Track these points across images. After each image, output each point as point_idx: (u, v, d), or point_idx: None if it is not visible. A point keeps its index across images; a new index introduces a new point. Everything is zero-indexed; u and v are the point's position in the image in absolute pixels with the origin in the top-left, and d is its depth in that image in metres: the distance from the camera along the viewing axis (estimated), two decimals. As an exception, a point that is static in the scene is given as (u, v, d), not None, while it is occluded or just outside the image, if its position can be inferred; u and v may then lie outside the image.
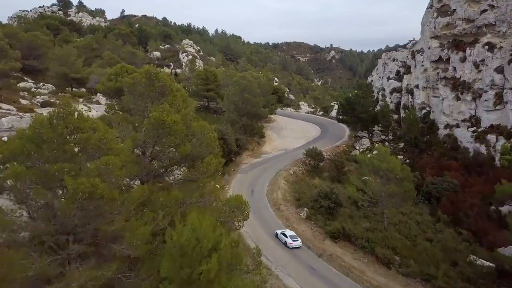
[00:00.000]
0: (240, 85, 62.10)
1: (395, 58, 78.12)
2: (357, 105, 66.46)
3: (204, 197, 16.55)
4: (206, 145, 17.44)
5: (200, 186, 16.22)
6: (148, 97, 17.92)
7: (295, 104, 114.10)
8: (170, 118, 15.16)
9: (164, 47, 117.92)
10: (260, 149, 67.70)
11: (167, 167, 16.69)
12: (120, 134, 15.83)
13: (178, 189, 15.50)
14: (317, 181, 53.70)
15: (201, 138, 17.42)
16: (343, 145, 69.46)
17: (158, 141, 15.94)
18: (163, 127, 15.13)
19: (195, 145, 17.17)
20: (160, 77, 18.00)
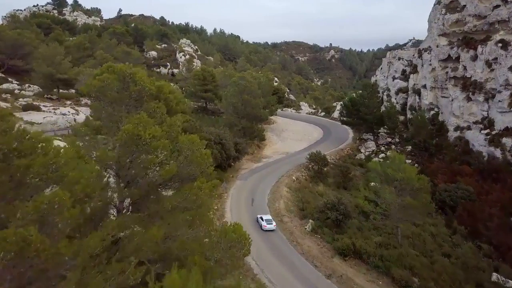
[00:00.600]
0: (239, 86, 58.53)
1: (400, 56, 74.56)
2: (362, 106, 62.90)
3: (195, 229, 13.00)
4: (196, 164, 13.88)
5: (187, 220, 12.68)
6: (123, 105, 14.33)
7: (296, 104, 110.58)
8: (147, 132, 11.64)
9: (161, 46, 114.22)
10: (261, 152, 64.14)
11: (148, 193, 13.13)
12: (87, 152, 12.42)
13: (160, 223, 12.03)
14: (321, 188, 50.16)
15: (190, 155, 13.85)
16: (348, 148, 65.90)
17: (134, 162, 12.42)
18: (139, 144, 11.64)
19: (182, 165, 13.64)
20: (137, 79, 14.36)
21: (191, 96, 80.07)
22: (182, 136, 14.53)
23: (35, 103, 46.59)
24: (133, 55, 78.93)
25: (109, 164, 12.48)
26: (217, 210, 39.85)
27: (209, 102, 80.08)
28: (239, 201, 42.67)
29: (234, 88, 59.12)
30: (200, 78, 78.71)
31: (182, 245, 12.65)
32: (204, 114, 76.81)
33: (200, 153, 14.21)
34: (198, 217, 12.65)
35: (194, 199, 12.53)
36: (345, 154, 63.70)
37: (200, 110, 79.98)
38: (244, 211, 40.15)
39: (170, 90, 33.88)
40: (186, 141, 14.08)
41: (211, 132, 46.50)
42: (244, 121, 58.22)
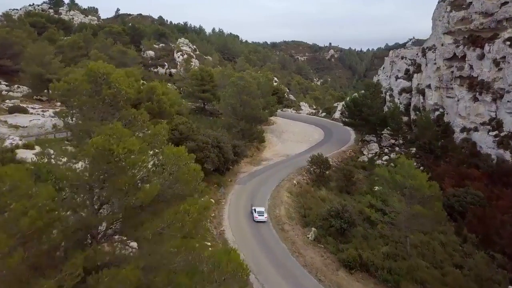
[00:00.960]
0: (237, 86, 56.29)
1: (403, 56, 72.33)
2: (365, 107, 60.69)
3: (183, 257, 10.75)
4: (184, 182, 11.65)
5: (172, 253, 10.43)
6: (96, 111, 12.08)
7: (296, 104, 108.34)
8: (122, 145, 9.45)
9: (158, 46, 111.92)
10: (260, 155, 61.92)
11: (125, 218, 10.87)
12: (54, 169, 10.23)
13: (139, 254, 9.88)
14: (323, 192, 47.95)
15: (176, 172, 11.62)
16: (350, 150, 63.71)
17: (107, 181, 10.21)
18: (110, 161, 9.45)
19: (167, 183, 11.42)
20: (112, 80, 12.06)
21: (188, 96, 77.85)
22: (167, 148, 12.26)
23: (23, 104, 44.35)
24: (129, 55, 76.69)
25: (80, 184, 10.31)
26: (214, 218, 37.67)
27: (207, 102, 77.84)
28: (237, 208, 40.49)
29: (233, 89, 56.90)
30: (198, 78, 76.49)
31: (168, 278, 10.49)
32: (202, 115, 74.58)
33: (188, 168, 11.98)
34: (185, 247, 10.44)
35: (179, 226, 10.38)
36: (347, 157, 61.51)
37: (198, 111, 77.72)
38: (243, 219, 37.94)
39: (163, 91, 31.69)
40: (172, 154, 11.85)
41: (209, 134, 44.29)
42: (243, 123, 55.98)
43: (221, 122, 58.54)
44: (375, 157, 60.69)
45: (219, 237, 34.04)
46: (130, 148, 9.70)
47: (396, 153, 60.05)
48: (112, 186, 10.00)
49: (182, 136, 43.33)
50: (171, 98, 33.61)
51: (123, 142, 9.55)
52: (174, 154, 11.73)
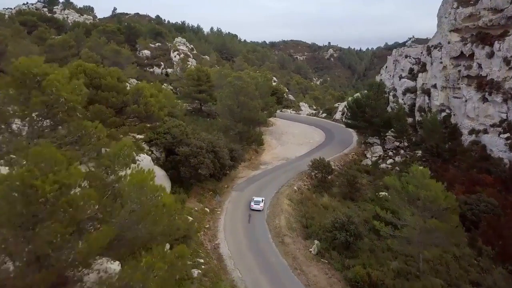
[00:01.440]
0: (235, 87, 53.30)
1: (407, 54, 69.41)
2: (368, 108, 57.77)
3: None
4: (152, 221, 8.56)
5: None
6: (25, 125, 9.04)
7: (295, 105, 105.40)
8: (50, 180, 6.35)
9: (154, 45, 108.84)
10: (259, 158, 58.94)
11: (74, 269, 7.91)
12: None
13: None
14: (326, 199, 45.04)
15: (141, 208, 8.55)
16: (352, 153, 60.75)
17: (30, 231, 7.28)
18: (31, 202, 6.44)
19: (127, 224, 8.37)
20: (47, 83, 8.86)
21: (184, 97, 74.84)
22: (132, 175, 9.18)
23: (4, 107, 41.66)
24: (123, 54, 73.70)
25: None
26: (208, 229, 34.70)
27: (204, 103, 74.83)
28: (234, 217, 37.52)
29: (230, 89, 53.94)
30: (194, 78, 73.45)
31: None
32: (199, 117, 71.59)
33: (157, 203, 8.95)
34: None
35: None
36: (350, 160, 58.58)
37: (195, 112, 74.73)
38: (240, 230, 34.98)
39: (152, 93, 28.68)
40: (134, 183, 8.84)
41: (203, 138, 41.29)
42: (240, 125, 53.00)
43: (218, 124, 55.56)
44: (379, 161, 57.81)
45: (213, 251, 31.08)
46: (66, 183, 6.74)
47: (401, 156, 57.16)
48: (39, 237, 7.05)
49: (175, 141, 40.37)
50: (161, 101, 30.60)
51: (54, 174, 6.59)
52: (138, 182, 8.75)
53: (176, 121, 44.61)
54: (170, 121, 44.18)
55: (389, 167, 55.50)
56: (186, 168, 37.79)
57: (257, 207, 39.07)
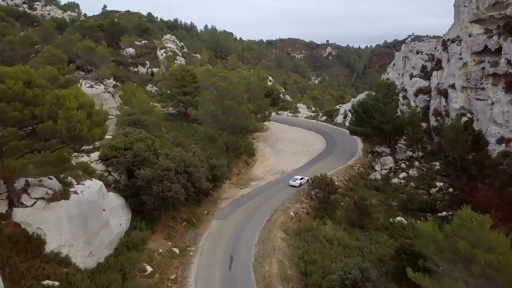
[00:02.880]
0: (219, 89, 44.12)
1: (419, 50, 60.24)
2: (377, 113, 48.64)
3: None
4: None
5: None
6: None
7: (293, 107, 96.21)
8: None
9: (140, 43, 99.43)
10: (249, 172, 49.80)
11: None
12: None
13: None
14: (329, 227, 35.99)
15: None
16: (358, 165, 51.61)
17: None
18: None
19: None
20: None
21: (167, 99, 65.64)
22: None
23: None
24: (97, 52, 64.43)
25: None
26: (174, 283, 25.51)
27: (189, 106, 65.53)
28: (211, 261, 28.37)
29: (213, 92, 44.76)
30: (178, 78, 64.05)
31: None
32: (183, 122, 62.24)
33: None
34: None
35: None
36: (355, 173, 49.48)
37: (180, 116, 65.41)
38: (217, 282, 25.81)
39: (81, 103, 19.48)
40: None
41: (174, 156, 32.05)
42: (226, 134, 43.85)
43: (200, 133, 46.28)
44: (390, 174, 48.72)
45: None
46: None
47: (416, 169, 48.08)
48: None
49: (136, 160, 31.18)
50: (99, 113, 21.37)
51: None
52: None
53: (142, 133, 35.40)
54: (134, 132, 35.00)
55: (402, 182, 46.45)
56: (149, 197, 28.63)
57: (294, 183, 43.16)
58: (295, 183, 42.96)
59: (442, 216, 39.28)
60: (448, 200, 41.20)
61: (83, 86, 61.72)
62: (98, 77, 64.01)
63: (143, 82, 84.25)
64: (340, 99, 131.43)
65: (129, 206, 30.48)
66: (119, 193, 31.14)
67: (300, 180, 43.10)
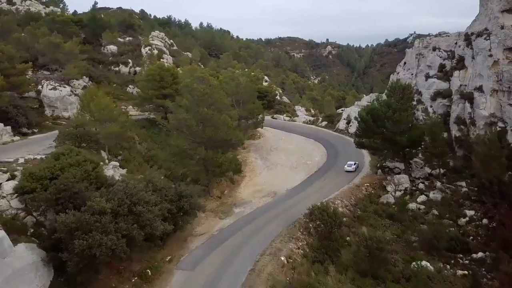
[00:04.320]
0: (193, 93, 34.68)
1: (436, 46, 50.69)
2: (389, 121, 39.22)
3: None
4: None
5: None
6: None
7: (290, 109, 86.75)
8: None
9: (124, 40, 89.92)
10: (234, 194, 40.47)
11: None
12: None
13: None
14: (332, 278, 26.53)
15: None
16: (366, 184, 42.20)
17: None
18: None
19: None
20: None
21: (143, 103, 56.36)
22: None
23: None
24: (63, 48, 55.08)
25: None
26: None
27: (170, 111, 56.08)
28: None
29: (187, 97, 35.36)
30: (156, 78, 54.96)
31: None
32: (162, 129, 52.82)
33: None
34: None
35: None
36: (363, 195, 40.08)
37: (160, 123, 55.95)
38: None
39: None
40: None
41: (115, 190, 22.59)
42: (203, 150, 34.46)
43: (171, 148, 36.78)
44: (406, 197, 39.28)
45: None
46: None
47: (438, 191, 38.62)
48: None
49: (62, 195, 21.79)
50: None
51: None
52: None
53: (82, 154, 25.93)
54: (70, 153, 25.57)
55: (422, 208, 37.02)
56: (70, 255, 19.27)
57: (349, 168, 45.08)
58: (350, 168, 45.09)
59: (478, 259, 30.03)
60: (484, 236, 31.86)
61: (45, 88, 52.44)
62: (63, 78, 54.56)
63: (124, 83, 74.87)
64: (340, 100, 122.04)
65: (50, 263, 21.17)
66: (39, 238, 21.88)
67: (354, 165, 45.35)
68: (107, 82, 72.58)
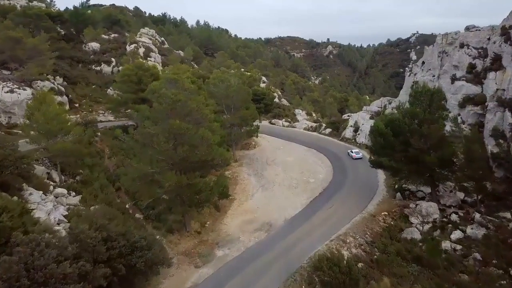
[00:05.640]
0: (163, 100, 25.91)
1: (464, 42, 41.86)
2: (414, 135, 30.44)
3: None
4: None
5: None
6: None
7: (290, 114, 77.98)
8: None
9: (109, 36, 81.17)
10: (218, 226, 31.74)
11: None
12: None
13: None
14: None
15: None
16: (384, 213, 33.40)
17: None
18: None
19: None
20: None
21: (117, 107, 47.66)
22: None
23: None
24: (27, 44, 46.47)
25: None
26: None
27: (150, 118, 47.20)
28: None
29: (155, 105, 26.61)
30: (132, 80, 46.32)
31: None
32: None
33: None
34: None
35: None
36: (380, 229, 31.33)
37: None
38: None
39: None
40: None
41: (6, 265, 13.80)
42: (173, 174, 25.72)
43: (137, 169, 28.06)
44: (435, 231, 30.50)
45: None
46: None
47: (477, 226, 29.82)
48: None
49: None
50: None
51: None
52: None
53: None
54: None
55: (458, 248, 28.25)
56: None
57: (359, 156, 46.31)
58: (359, 155, 45.97)
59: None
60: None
61: (0, 90, 43.78)
62: (23, 79, 45.85)
63: (105, 84, 66.24)
64: (343, 102, 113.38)
65: None
66: None
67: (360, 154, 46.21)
68: (84, 83, 64.00)
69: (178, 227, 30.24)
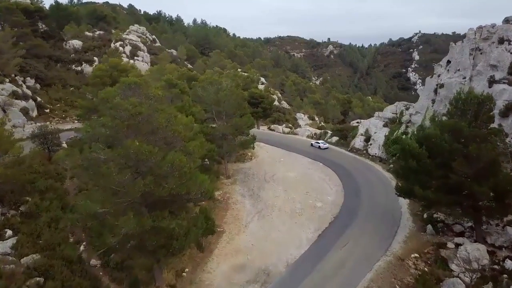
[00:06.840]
0: (117, 113, 18.18)
1: (503, 36, 34.09)
2: (457, 156, 22.67)
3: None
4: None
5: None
6: None
7: (290, 118, 70.20)
8: None
9: (93, 34, 73.42)
10: (199, 275, 23.97)
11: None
12: None
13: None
14: None
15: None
16: (414, 256, 25.57)
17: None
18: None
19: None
20: None
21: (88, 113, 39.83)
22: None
23: None
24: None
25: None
26: None
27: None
28: None
29: (106, 119, 18.83)
30: (106, 82, 38.59)
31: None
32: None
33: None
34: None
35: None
36: (412, 278, 23.53)
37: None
38: None
39: None
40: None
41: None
42: (131, 217, 17.93)
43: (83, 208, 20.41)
44: (485, 284, 22.72)
45: None
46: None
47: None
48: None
49: None
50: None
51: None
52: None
53: None
54: None
55: (523, 313, 20.49)
56: None
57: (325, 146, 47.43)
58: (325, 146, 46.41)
59: None
60: None
61: None
62: (-25, 81, 38.14)
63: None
64: (346, 104, 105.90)
65: None
66: None
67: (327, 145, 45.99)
68: (61, 85, 56.29)
69: (146, 278, 22.52)
